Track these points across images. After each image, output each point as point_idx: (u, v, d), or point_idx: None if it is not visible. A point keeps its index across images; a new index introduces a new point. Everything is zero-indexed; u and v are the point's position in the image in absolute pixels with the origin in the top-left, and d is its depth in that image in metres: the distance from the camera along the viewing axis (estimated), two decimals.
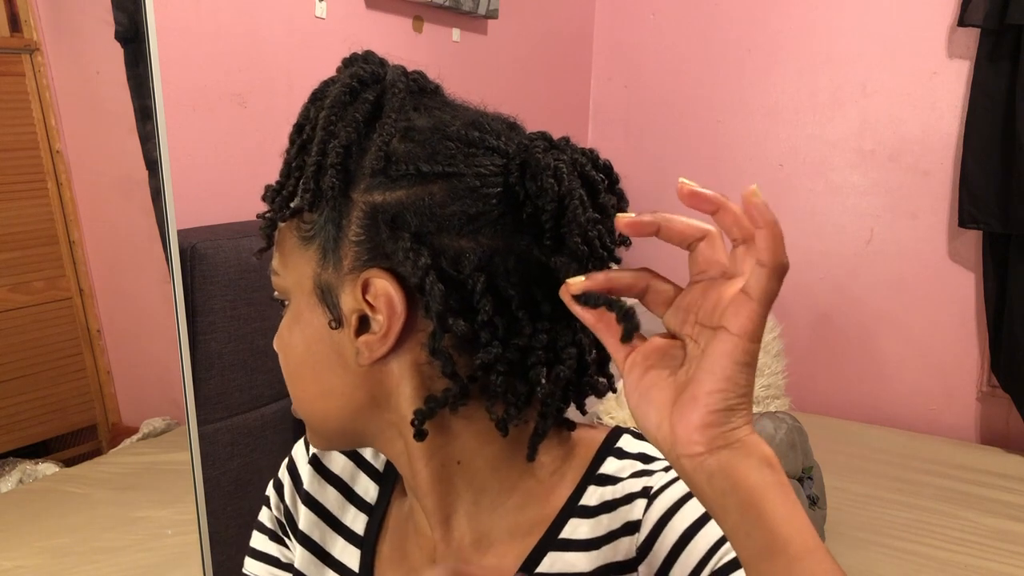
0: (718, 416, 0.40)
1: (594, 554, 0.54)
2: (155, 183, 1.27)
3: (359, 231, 0.48)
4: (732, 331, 0.39)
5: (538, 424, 0.53)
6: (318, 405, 0.54)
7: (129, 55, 1.30)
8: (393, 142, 0.48)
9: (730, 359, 0.39)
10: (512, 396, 0.51)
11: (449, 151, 0.48)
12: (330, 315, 0.50)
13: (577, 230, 0.46)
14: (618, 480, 0.55)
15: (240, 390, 1.49)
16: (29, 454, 1.43)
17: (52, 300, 1.45)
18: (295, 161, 0.50)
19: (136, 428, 1.57)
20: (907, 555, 1.84)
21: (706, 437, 0.40)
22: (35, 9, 1.36)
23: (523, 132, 0.52)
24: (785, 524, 0.39)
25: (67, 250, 1.46)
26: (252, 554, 0.69)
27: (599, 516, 0.55)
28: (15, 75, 1.37)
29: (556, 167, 0.46)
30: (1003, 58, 2.37)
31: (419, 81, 0.53)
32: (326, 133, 0.49)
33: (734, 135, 2.89)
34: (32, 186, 1.42)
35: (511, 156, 0.48)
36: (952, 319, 2.65)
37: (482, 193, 0.47)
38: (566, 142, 0.50)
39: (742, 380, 0.40)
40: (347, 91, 0.49)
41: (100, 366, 1.52)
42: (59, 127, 1.42)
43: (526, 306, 0.48)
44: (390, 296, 0.47)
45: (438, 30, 2.26)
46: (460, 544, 0.57)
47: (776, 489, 0.40)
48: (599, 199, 0.49)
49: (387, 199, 0.48)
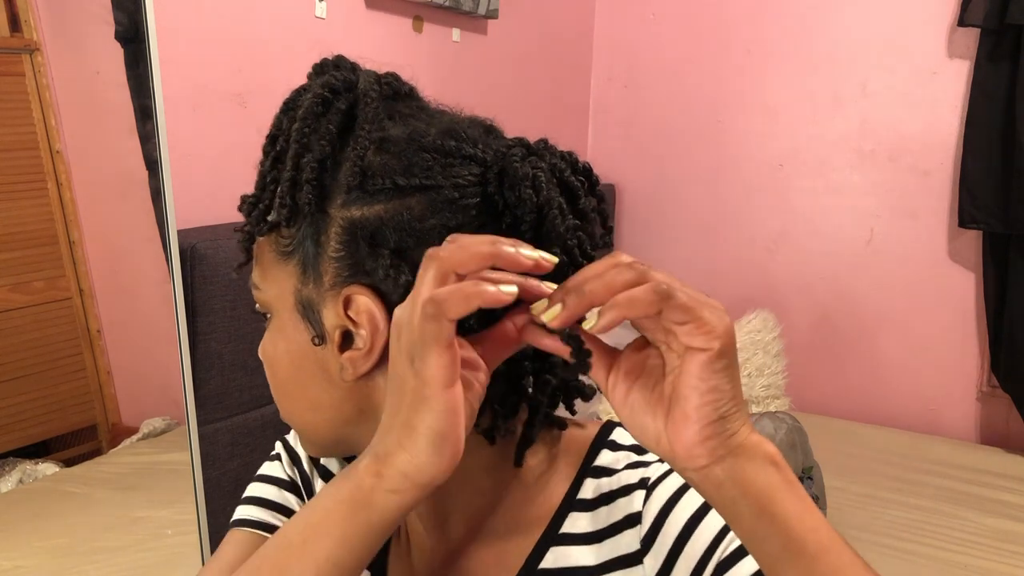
0: (714, 427, 0.40)
1: (597, 548, 0.54)
2: (155, 183, 1.27)
3: (338, 247, 0.48)
4: (697, 347, 0.39)
5: (526, 432, 0.53)
6: (307, 417, 0.54)
7: (129, 55, 1.30)
8: (368, 155, 0.48)
9: (709, 370, 0.39)
10: (500, 407, 0.51)
11: (425, 163, 0.47)
12: (313, 331, 0.50)
13: (556, 240, 0.46)
14: (613, 471, 0.55)
15: (240, 390, 1.49)
16: (29, 454, 1.43)
17: (52, 300, 1.45)
18: (270, 174, 0.50)
19: (136, 428, 1.57)
20: (907, 555, 1.84)
21: (707, 449, 0.40)
22: (35, 9, 1.36)
23: (500, 136, 0.51)
24: (799, 523, 0.39)
25: (67, 250, 1.46)
26: (255, 502, 0.64)
27: (597, 508, 0.55)
28: (15, 75, 1.37)
29: (535, 176, 0.46)
30: (1003, 58, 2.37)
31: (393, 85, 0.52)
32: (299, 146, 0.48)
33: (734, 135, 2.89)
34: (32, 186, 1.42)
35: (489, 165, 0.47)
36: (952, 319, 2.65)
37: (461, 205, 0.47)
38: (544, 146, 0.49)
39: (726, 385, 0.40)
40: (319, 101, 0.48)
41: (100, 366, 1.52)
42: (59, 127, 1.42)
43: None
44: (372, 313, 0.47)
45: (438, 30, 2.26)
46: (458, 544, 0.57)
47: (785, 489, 0.40)
48: (579, 204, 0.49)
49: (365, 214, 0.47)
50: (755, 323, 2.38)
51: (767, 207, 2.86)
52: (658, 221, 3.02)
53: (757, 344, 2.31)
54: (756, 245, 2.89)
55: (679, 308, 0.39)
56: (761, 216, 2.87)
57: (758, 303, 2.54)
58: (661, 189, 2.99)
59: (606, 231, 0.51)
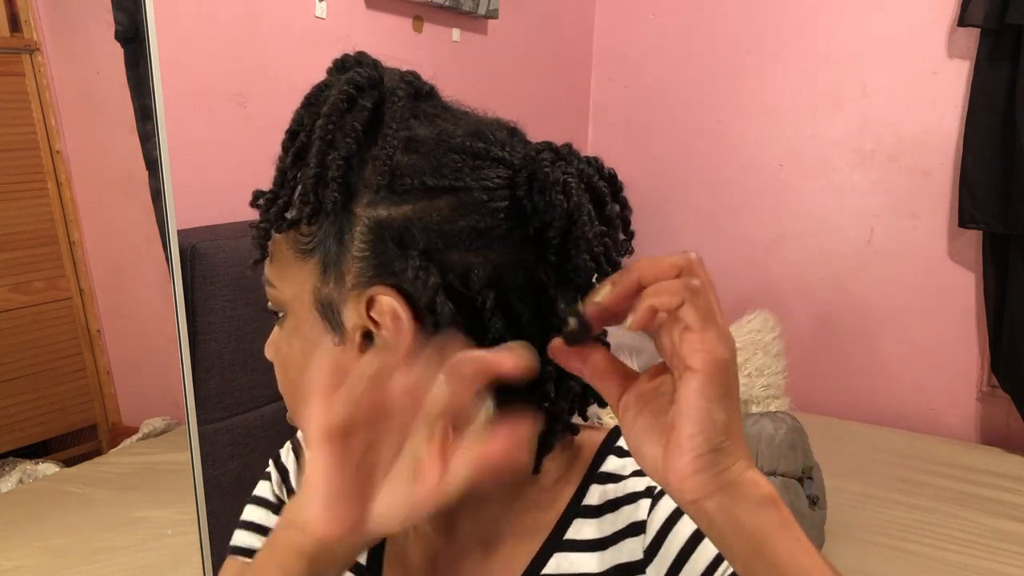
0: (704, 460, 0.39)
1: (601, 555, 0.54)
2: (155, 183, 1.27)
3: (363, 247, 0.47)
4: (695, 368, 0.38)
5: (545, 437, 0.52)
6: None
7: (129, 55, 1.30)
8: (396, 154, 0.47)
9: (702, 398, 0.38)
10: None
11: (455, 164, 0.46)
12: (332, 331, 0.49)
13: (585, 247, 0.46)
14: (620, 478, 0.55)
15: (240, 390, 1.49)
16: (29, 454, 1.43)
17: (52, 300, 1.45)
18: (290, 171, 0.49)
19: (136, 428, 1.57)
20: (907, 555, 1.84)
21: (697, 483, 0.39)
22: (35, 9, 1.36)
23: (524, 139, 0.51)
24: (793, 567, 0.38)
25: (67, 250, 1.46)
26: (247, 527, 0.66)
27: (604, 516, 0.55)
28: (15, 75, 1.37)
29: (565, 181, 0.45)
30: (1003, 58, 2.37)
31: (415, 84, 0.51)
32: (324, 143, 0.47)
33: (734, 135, 2.89)
34: (32, 186, 1.42)
35: (517, 168, 0.47)
36: (952, 319, 2.65)
37: (490, 208, 0.46)
38: (570, 151, 0.48)
39: (721, 416, 0.39)
40: (344, 98, 0.47)
41: (100, 366, 1.52)
42: (59, 127, 1.42)
43: (535, 321, 0.47)
44: (397, 313, 0.45)
45: (438, 30, 2.26)
46: (464, 548, 0.56)
47: (779, 532, 0.39)
48: (605, 210, 0.48)
49: (392, 215, 0.46)
50: (755, 323, 2.38)
51: (767, 207, 2.86)
52: (658, 221, 3.01)
53: (757, 344, 2.31)
54: (756, 245, 2.89)
55: (695, 309, 0.38)
56: (761, 216, 2.87)
57: (758, 303, 2.53)
58: (661, 189, 2.98)
59: (627, 237, 0.50)
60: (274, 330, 0.55)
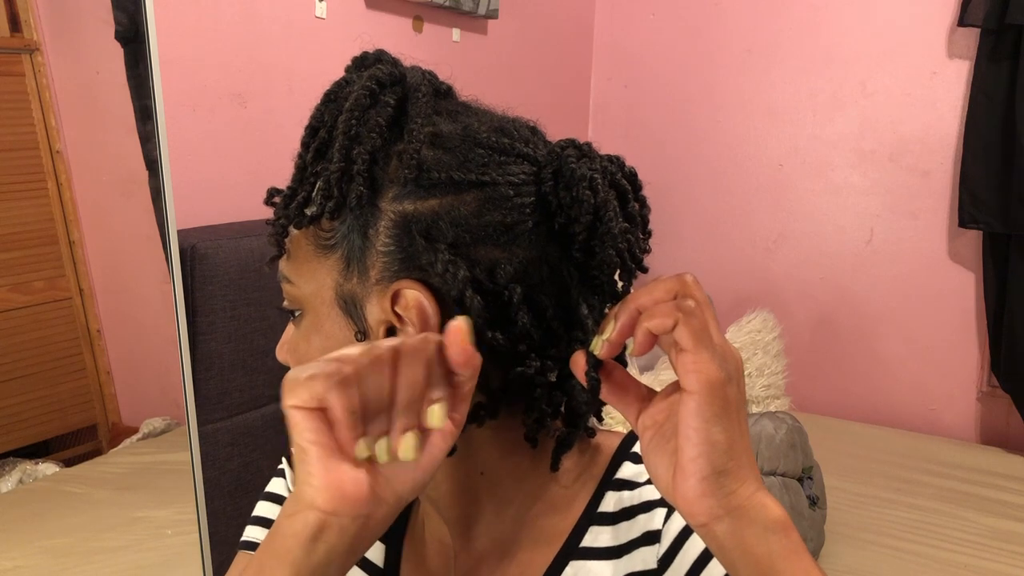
0: (709, 484, 0.39)
1: (615, 563, 0.54)
2: (155, 183, 1.27)
3: (388, 241, 0.46)
4: (690, 389, 0.38)
5: (566, 435, 0.52)
6: None
7: (129, 55, 1.30)
8: (423, 149, 0.46)
9: (699, 418, 0.38)
10: (548, 408, 0.49)
11: (481, 159, 0.46)
12: (355, 327, 0.48)
13: (610, 242, 0.46)
14: (635, 485, 0.55)
15: (240, 390, 1.49)
16: (29, 454, 1.43)
17: (52, 300, 1.45)
18: (311, 167, 0.48)
19: (136, 428, 1.56)
20: (907, 555, 1.84)
21: (704, 507, 0.39)
22: (35, 9, 1.36)
23: (544, 137, 0.51)
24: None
25: (67, 250, 1.46)
26: (259, 522, 0.64)
27: (619, 523, 0.54)
28: (15, 75, 1.37)
29: (591, 177, 0.46)
30: (1003, 58, 2.37)
31: (433, 82, 0.51)
32: (347, 138, 0.46)
33: (734, 135, 2.89)
34: (32, 186, 1.42)
35: (542, 164, 0.47)
36: (952, 319, 2.65)
37: (516, 203, 0.46)
38: (591, 148, 0.49)
39: (720, 437, 0.38)
40: (367, 93, 0.47)
41: (100, 366, 1.52)
42: (59, 127, 1.42)
43: (560, 316, 0.47)
44: (423, 306, 0.45)
45: (438, 30, 2.26)
46: (482, 553, 0.56)
47: (788, 559, 0.39)
48: (627, 207, 0.48)
49: (419, 209, 0.46)
50: (755, 323, 2.38)
51: (767, 207, 2.86)
52: (658, 221, 2.99)
53: (757, 344, 2.31)
54: (756, 245, 2.89)
55: (688, 330, 0.38)
56: (761, 216, 2.87)
57: (758, 303, 2.53)
58: (661, 189, 2.98)
59: (645, 236, 0.50)
60: (288, 330, 0.54)
